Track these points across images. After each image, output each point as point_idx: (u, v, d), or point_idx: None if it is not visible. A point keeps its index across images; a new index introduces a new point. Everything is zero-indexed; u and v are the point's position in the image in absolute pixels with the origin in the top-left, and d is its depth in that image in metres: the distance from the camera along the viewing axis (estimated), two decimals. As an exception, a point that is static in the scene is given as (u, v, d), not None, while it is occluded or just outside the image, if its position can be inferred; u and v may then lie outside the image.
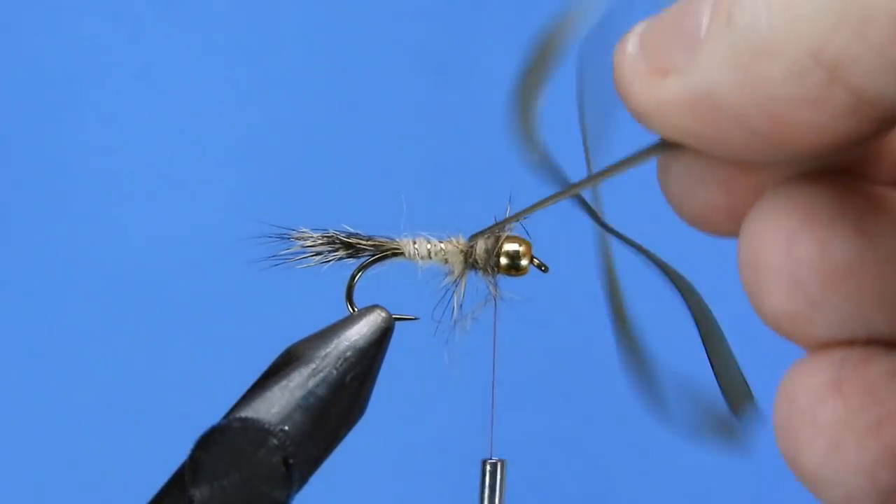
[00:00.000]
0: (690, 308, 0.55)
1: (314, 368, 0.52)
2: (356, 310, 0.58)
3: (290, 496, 0.49)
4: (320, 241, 0.60)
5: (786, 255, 0.46)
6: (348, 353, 0.52)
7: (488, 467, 0.58)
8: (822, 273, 0.46)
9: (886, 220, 0.47)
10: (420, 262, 0.60)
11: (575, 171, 0.52)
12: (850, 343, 0.47)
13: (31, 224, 1.29)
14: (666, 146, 0.48)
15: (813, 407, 0.47)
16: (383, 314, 0.56)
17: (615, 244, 0.51)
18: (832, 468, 0.47)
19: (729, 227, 0.50)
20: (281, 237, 0.60)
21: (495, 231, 0.58)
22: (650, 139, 0.48)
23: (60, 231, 1.30)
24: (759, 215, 0.47)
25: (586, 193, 0.52)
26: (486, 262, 0.57)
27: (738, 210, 0.49)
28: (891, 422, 0.46)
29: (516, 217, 0.57)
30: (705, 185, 0.49)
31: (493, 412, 0.59)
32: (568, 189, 0.50)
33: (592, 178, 0.50)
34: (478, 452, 0.59)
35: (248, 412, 0.50)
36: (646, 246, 0.54)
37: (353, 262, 0.60)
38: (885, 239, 0.46)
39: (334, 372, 0.52)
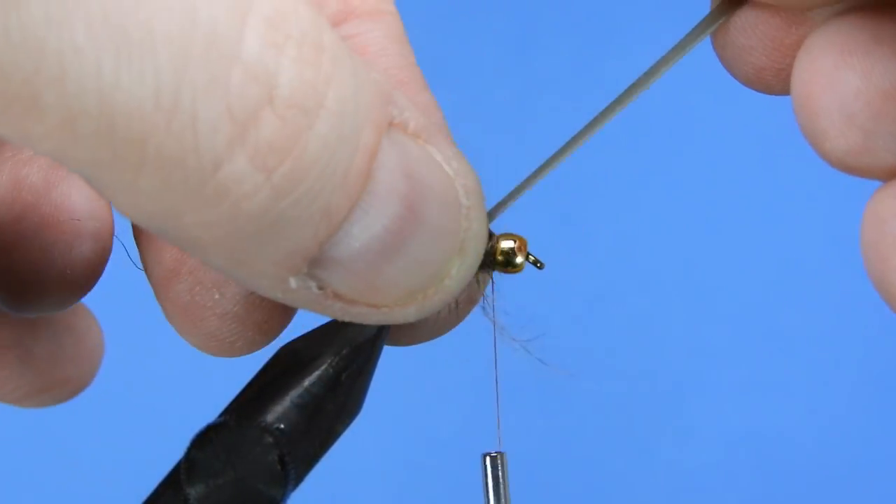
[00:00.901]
0: None
1: (310, 367, 0.51)
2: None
3: (285, 494, 0.49)
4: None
5: (831, 91, 0.47)
6: (344, 351, 0.52)
7: (488, 460, 0.58)
8: (870, 102, 0.46)
9: None
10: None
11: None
12: None
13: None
14: (717, 14, 0.50)
15: None
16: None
17: None
18: None
19: (782, 86, 0.51)
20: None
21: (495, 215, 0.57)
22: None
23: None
24: (802, 61, 0.48)
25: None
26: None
27: (787, 70, 0.50)
28: None
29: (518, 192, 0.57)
30: (755, 50, 0.51)
31: (499, 407, 0.59)
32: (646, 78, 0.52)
33: (660, 64, 0.51)
34: (476, 449, 0.59)
35: (243, 410, 0.50)
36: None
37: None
38: None
39: (330, 370, 0.51)
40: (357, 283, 0.47)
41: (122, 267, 0.60)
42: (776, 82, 0.51)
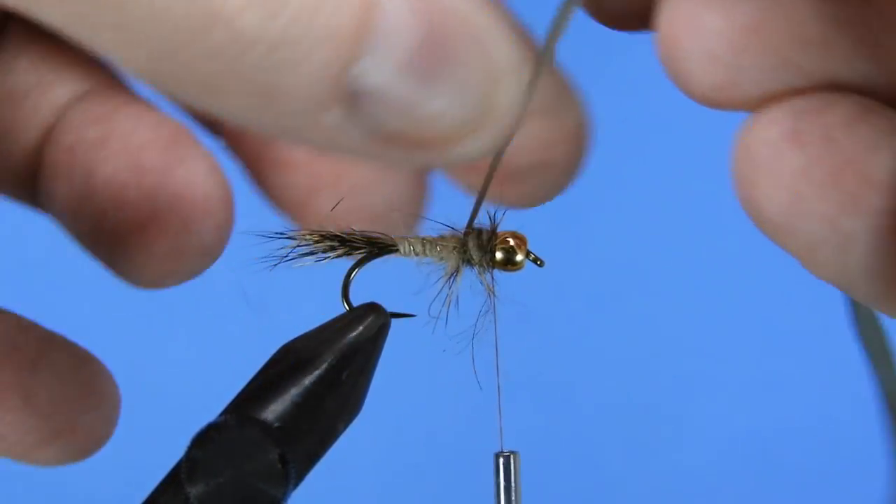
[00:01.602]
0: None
1: (311, 366, 0.51)
2: (352, 307, 0.58)
3: (286, 493, 0.49)
4: (315, 240, 0.60)
5: (695, 33, 0.47)
6: (344, 351, 0.52)
7: (501, 460, 0.58)
8: (732, 40, 0.47)
9: None
10: (415, 258, 0.60)
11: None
12: (799, 92, 0.47)
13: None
14: None
15: (772, 159, 0.47)
16: (379, 311, 0.56)
17: None
18: (794, 218, 0.47)
19: (649, 28, 0.51)
20: (276, 236, 0.60)
21: (476, 214, 0.57)
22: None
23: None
24: (665, 5, 0.48)
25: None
26: (480, 257, 0.57)
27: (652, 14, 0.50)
28: (850, 169, 0.46)
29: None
30: None
31: (500, 405, 0.59)
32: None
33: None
34: (474, 448, 0.59)
35: (244, 409, 0.50)
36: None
37: (349, 260, 0.60)
38: None
39: (331, 369, 0.52)
40: (397, 114, 0.43)
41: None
42: (643, 27, 0.50)
